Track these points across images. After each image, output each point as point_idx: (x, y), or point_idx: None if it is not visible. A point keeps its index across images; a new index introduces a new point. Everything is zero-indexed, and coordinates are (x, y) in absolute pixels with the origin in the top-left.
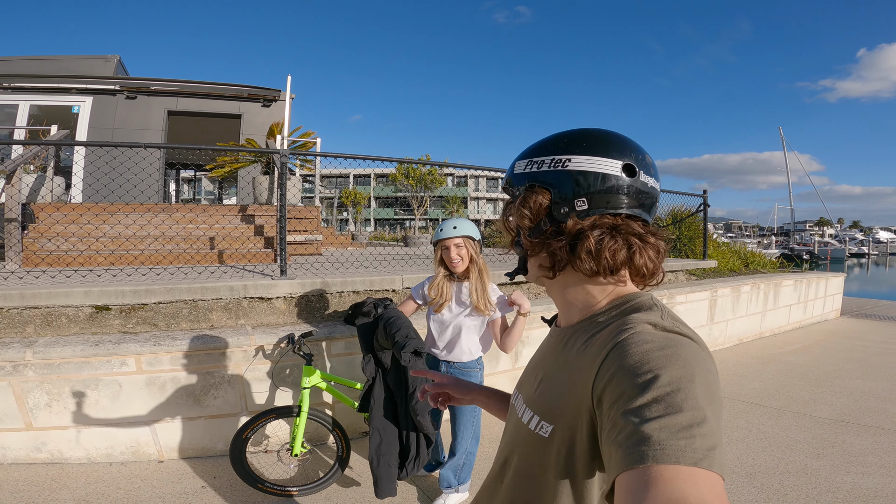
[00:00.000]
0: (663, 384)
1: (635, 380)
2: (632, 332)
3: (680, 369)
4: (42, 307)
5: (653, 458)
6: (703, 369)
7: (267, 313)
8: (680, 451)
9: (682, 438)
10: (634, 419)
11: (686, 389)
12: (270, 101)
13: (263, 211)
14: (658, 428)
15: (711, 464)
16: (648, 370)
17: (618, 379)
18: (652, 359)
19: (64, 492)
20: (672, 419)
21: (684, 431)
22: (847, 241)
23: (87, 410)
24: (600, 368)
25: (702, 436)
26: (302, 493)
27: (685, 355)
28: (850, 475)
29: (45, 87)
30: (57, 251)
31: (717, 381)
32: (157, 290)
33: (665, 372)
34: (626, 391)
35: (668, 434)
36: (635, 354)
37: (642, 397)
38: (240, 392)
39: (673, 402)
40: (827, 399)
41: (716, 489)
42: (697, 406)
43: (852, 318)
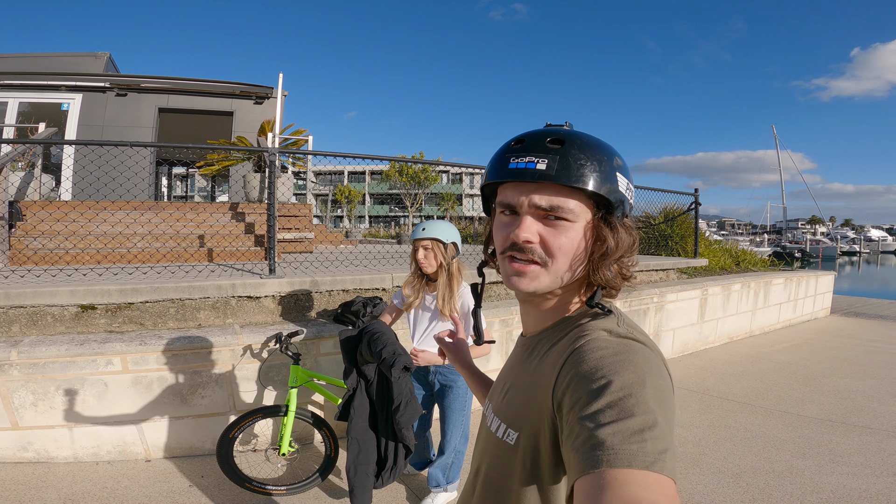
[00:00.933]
0: (615, 389)
1: (590, 385)
2: (588, 338)
3: (632, 374)
4: (27, 306)
5: (607, 463)
6: (654, 374)
7: (255, 312)
8: (632, 455)
9: (634, 443)
10: (589, 424)
11: (637, 394)
12: (263, 98)
13: (254, 209)
14: (611, 433)
15: (663, 467)
16: (602, 376)
17: (574, 385)
18: (605, 365)
19: (50, 491)
20: (624, 424)
21: (636, 436)
22: (839, 240)
23: (73, 410)
24: (559, 375)
25: (653, 439)
26: (290, 492)
27: (637, 361)
28: (834, 475)
29: (34, 84)
30: (44, 249)
31: (669, 385)
32: (143, 290)
33: (617, 377)
34: (581, 397)
35: (620, 439)
36: (590, 361)
37: (596, 403)
38: (228, 391)
39: (625, 406)
40: (815, 398)
41: (668, 492)
42: (648, 410)
43: (842, 317)
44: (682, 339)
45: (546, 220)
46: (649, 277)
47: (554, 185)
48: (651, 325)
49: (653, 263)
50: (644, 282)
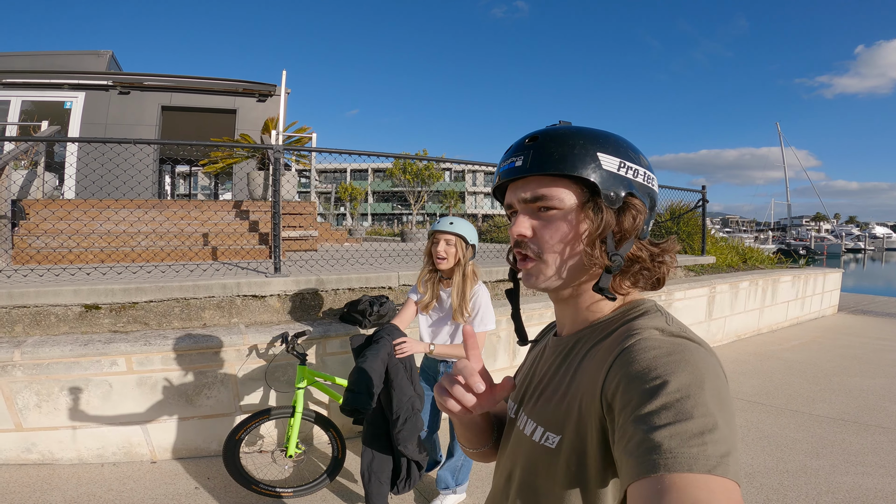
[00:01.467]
0: (672, 390)
1: (643, 386)
2: (638, 337)
3: (689, 375)
4: (31, 306)
5: (665, 467)
6: (712, 374)
7: (261, 311)
8: (692, 459)
9: (693, 446)
10: (644, 427)
11: (696, 395)
12: (266, 95)
13: (258, 207)
14: (669, 435)
15: (726, 471)
16: (657, 376)
17: (626, 385)
18: (660, 364)
19: (55, 493)
20: (683, 426)
21: (696, 438)
22: (843, 237)
23: (77, 411)
24: (608, 375)
25: (714, 442)
26: (297, 494)
27: (694, 360)
28: (849, 475)
29: (37, 82)
30: (47, 248)
31: (727, 386)
32: (147, 289)
33: (674, 378)
34: (634, 398)
35: (679, 441)
36: (643, 360)
37: (651, 404)
38: (233, 392)
39: (683, 408)
40: (826, 397)
41: (733, 496)
42: (708, 412)
43: (849, 315)
44: None
45: (538, 213)
46: None
47: (537, 178)
48: None
49: None
50: None
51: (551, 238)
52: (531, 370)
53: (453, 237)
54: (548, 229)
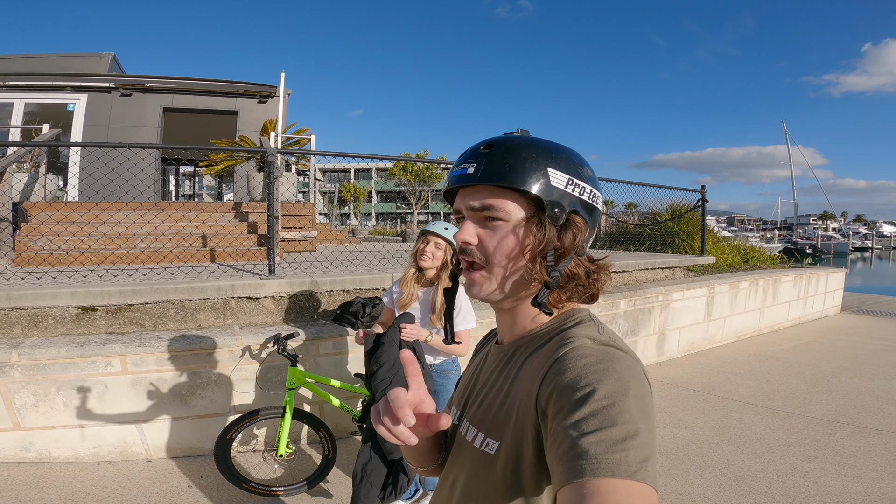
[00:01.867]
0: (599, 398)
1: (574, 394)
2: (571, 346)
3: (615, 383)
4: (29, 308)
5: (590, 472)
6: (636, 383)
7: (255, 313)
8: (615, 465)
9: (616, 451)
10: (573, 433)
11: (621, 403)
12: (267, 97)
13: (257, 208)
14: (594, 442)
15: (644, 476)
16: (586, 384)
17: (558, 393)
18: (590, 373)
19: (51, 491)
20: (608, 433)
21: (619, 444)
22: (851, 235)
23: (73, 411)
24: (542, 382)
25: (635, 448)
26: (287, 493)
27: (620, 369)
28: (839, 478)
29: (39, 85)
30: (47, 251)
31: (650, 393)
32: (143, 291)
33: (601, 386)
34: (565, 405)
35: (603, 448)
36: (574, 368)
37: (580, 411)
38: (227, 392)
39: (608, 416)
40: (823, 398)
41: (649, 501)
42: (631, 419)
43: (852, 315)
44: (688, 337)
45: (485, 221)
46: (655, 276)
47: (487, 187)
48: (656, 324)
49: (658, 261)
50: (650, 280)
51: (496, 250)
52: (474, 376)
53: (444, 242)
54: (493, 239)
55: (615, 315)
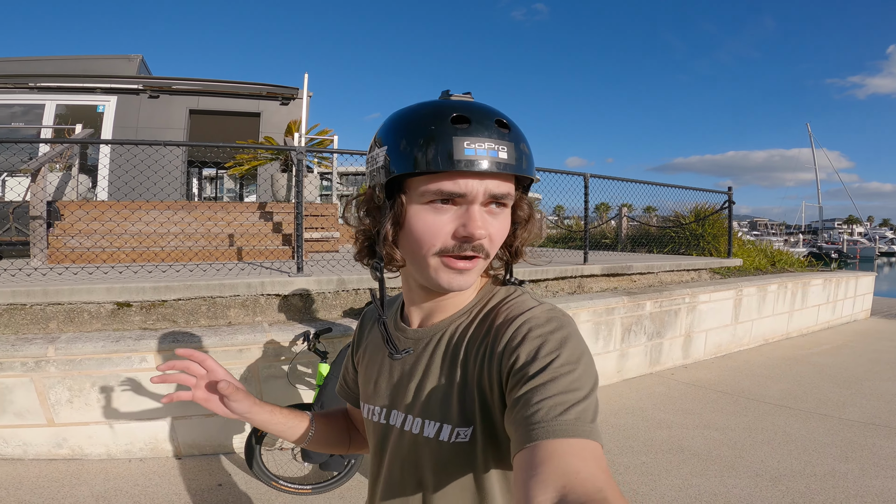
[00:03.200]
0: (558, 366)
1: (535, 364)
2: (527, 315)
3: (570, 351)
4: (65, 303)
5: (545, 435)
6: (584, 347)
7: (283, 310)
8: (571, 425)
9: (572, 413)
10: (538, 398)
11: (576, 370)
12: (289, 98)
13: (281, 208)
14: (554, 405)
15: (592, 434)
16: (547, 353)
17: (523, 362)
18: (549, 342)
19: (83, 488)
20: (564, 397)
21: (574, 407)
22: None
23: (107, 406)
24: (503, 355)
25: (585, 410)
26: (316, 491)
27: (572, 336)
28: (879, 479)
29: (70, 86)
30: (81, 248)
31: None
32: (176, 287)
33: (560, 354)
34: (529, 373)
35: (561, 410)
36: (534, 338)
37: (541, 378)
38: (256, 389)
39: (565, 382)
40: (856, 401)
41: (601, 461)
42: (583, 385)
43: (883, 319)
44: (714, 340)
45: (489, 207)
46: (680, 277)
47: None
48: (683, 326)
49: (684, 263)
50: (675, 282)
51: (500, 234)
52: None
53: None
54: (498, 227)
55: (641, 316)
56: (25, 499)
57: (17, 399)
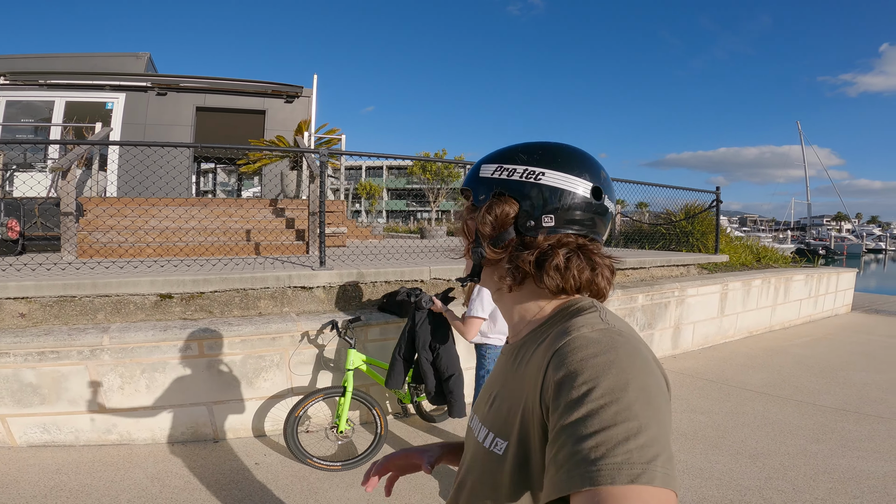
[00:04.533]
0: (597, 397)
1: (570, 393)
2: (569, 337)
3: (614, 378)
4: (112, 295)
5: (591, 480)
6: (638, 373)
7: (308, 301)
8: (615, 470)
9: (617, 455)
10: (569, 437)
11: (620, 400)
12: (293, 97)
13: (293, 205)
14: (592, 446)
15: (652, 478)
16: (583, 382)
17: (556, 391)
18: (587, 368)
19: (137, 470)
20: (605, 434)
21: (619, 447)
22: (864, 237)
23: (155, 393)
24: (544, 378)
25: (638, 448)
26: (345, 467)
27: (620, 361)
28: (846, 458)
29: (79, 83)
30: (109, 243)
31: (658, 384)
32: (213, 280)
33: (599, 382)
34: (561, 404)
35: (603, 451)
36: (571, 363)
37: (577, 412)
38: (286, 374)
39: (607, 415)
40: (831, 389)
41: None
42: (632, 416)
43: (862, 314)
44: (702, 332)
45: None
46: (670, 272)
47: None
48: (672, 318)
49: (674, 258)
50: (665, 276)
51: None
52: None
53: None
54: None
55: (633, 308)
56: (86, 482)
57: (71, 387)
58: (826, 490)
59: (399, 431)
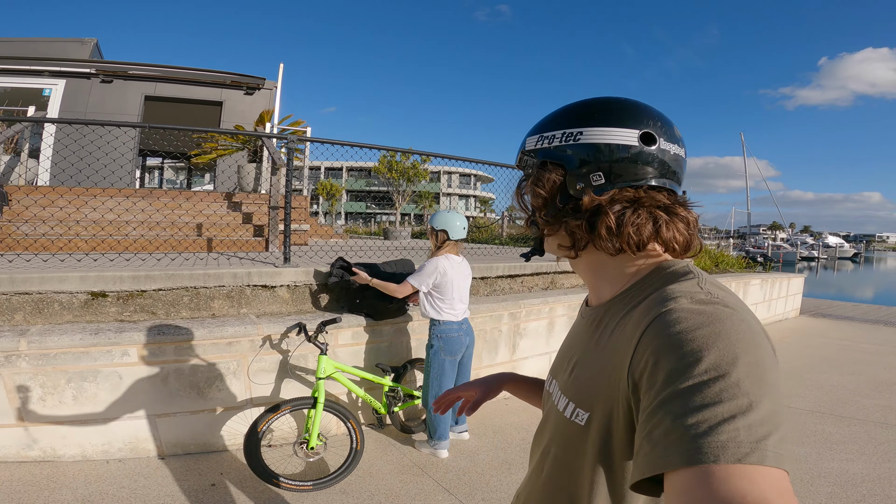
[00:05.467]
0: (701, 371)
1: (669, 368)
2: (667, 307)
3: (720, 352)
4: (34, 293)
5: (692, 459)
6: (747, 346)
7: (269, 302)
8: (720, 448)
9: (723, 433)
10: (669, 413)
11: (728, 375)
12: (254, 88)
13: (250, 199)
14: (696, 422)
15: (763, 457)
16: (684, 355)
17: (653, 365)
18: (688, 340)
19: (64, 491)
20: (711, 411)
21: (726, 424)
22: (798, 245)
23: (83, 404)
24: (636, 351)
25: (747, 427)
26: (316, 487)
27: (726, 333)
28: (836, 461)
29: (15, 68)
30: (36, 234)
31: (768, 356)
32: (157, 277)
33: (705, 356)
34: (659, 380)
35: (706, 428)
36: (670, 337)
37: (677, 388)
38: (245, 384)
39: (712, 391)
40: (801, 392)
41: (778, 485)
42: (742, 393)
43: (811, 318)
44: None
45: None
46: None
47: None
48: None
49: None
50: None
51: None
52: (567, 342)
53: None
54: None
55: None
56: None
57: None
58: (826, 494)
59: (372, 443)
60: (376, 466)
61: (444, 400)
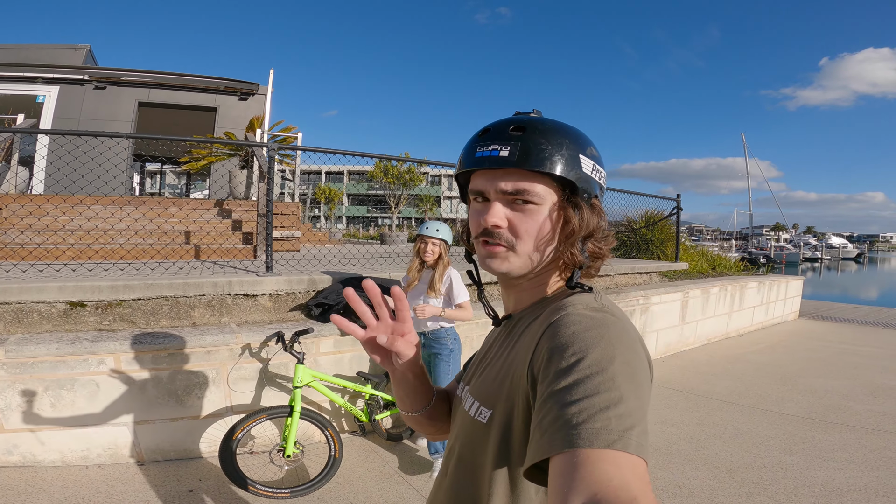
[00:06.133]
0: (584, 367)
1: (560, 362)
2: (563, 313)
3: (601, 351)
4: (13, 303)
5: (571, 443)
6: (625, 349)
7: (251, 311)
8: (594, 434)
9: (598, 421)
10: (557, 403)
11: (606, 371)
12: (248, 94)
13: (241, 206)
14: (577, 411)
15: (627, 444)
16: (573, 353)
17: (546, 361)
18: (577, 340)
19: (41, 496)
20: (589, 402)
21: (601, 413)
22: (801, 246)
23: (62, 411)
24: (535, 349)
25: (617, 417)
26: (294, 495)
27: (609, 336)
28: (822, 470)
29: (8, 75)
30: (21, 243)
31: (641, 360)
32: (136, 286)
33: (588, 354)
34: (551, 373)
35: (584, 417)
36: (564, 336)
37: (565, 380)
38: (224, 392)
39: (592, 384)
40: (793, 397)
41: (637, 471)
42: (615, 387)
43: (810, 320)
44: (665, 340)
45: (514, 204)
46: (634, 280)
47: (519, 171)
48: (637, 326)
49: (637, 266)
50: (630, 284)
51: (527, 232)
52: (482, 352)
53: (437, 240)
54: (525, 223)
55: None
56: None
57: None
58: None
59: (356, 451)
60: (357, 474)
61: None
